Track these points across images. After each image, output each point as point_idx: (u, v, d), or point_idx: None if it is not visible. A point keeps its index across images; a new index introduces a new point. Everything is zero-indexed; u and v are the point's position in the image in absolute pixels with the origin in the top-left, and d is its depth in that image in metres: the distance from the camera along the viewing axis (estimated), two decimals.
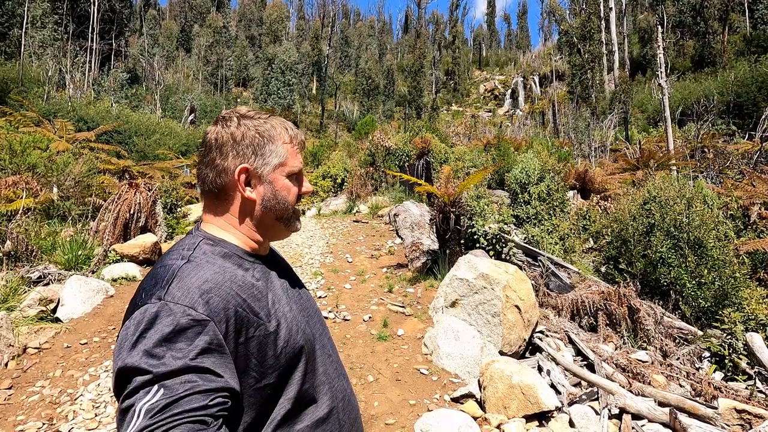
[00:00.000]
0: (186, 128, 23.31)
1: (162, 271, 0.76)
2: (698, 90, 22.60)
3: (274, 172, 0.86)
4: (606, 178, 11.46)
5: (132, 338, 0.66)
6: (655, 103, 25.38)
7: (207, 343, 0.67)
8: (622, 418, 3.05)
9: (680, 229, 5.85)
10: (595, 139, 20.95)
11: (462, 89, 42.00)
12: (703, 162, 16.17)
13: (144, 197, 5.93)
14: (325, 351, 0.93)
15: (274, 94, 32.10)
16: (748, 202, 8.63)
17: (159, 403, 0.60)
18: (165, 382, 0.61)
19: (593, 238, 8.24)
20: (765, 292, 5.22)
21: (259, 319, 0.77)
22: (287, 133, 0.89)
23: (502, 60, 45.10)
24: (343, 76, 43.56)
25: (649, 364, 4.09)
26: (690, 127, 21.09)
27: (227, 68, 38.31)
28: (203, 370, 0.65)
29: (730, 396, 3.33)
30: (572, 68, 29.48)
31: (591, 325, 4.97)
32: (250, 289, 0.79)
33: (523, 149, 14.76)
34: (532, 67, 40.55)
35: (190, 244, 0.83)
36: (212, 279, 0.75)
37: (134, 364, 0.63)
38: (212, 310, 0.70)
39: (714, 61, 25.65)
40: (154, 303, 0.69)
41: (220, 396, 0.64)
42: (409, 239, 6.35)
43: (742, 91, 20.48)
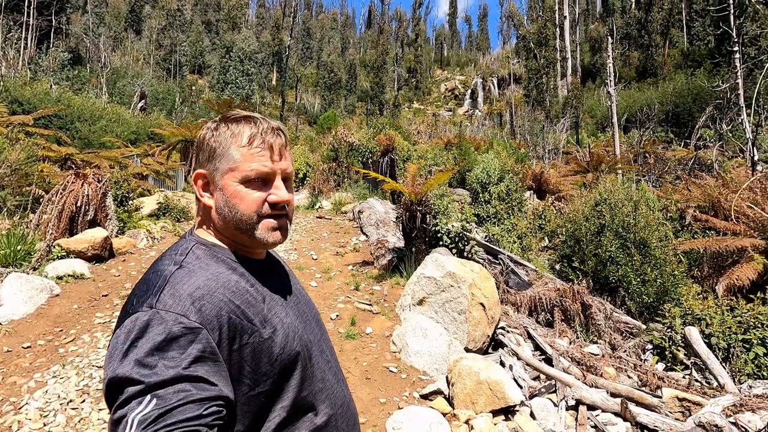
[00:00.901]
0: (136, 115, 22.01)
1: (154, 277, 0.75)
2: (641, 99, 24.18)
3: (223, 179, 0.81)
4: (560, 179, 12.03)
5: (123, 347, 0.64)
6: (603, 110, 26.88)
7: (200, 351, 0.65)
8: (579, 409, 3.24)
9: (627, 229, 6.25)
10: (549, 141, 21.93)
11: (424, 87, 42.50)
12: (645, 167, 17.38)
13: (93, 189, 5.55)
14: (324, 357, 0.91)
15: (232, 83, 30.97)
16: (685, 206, 9.37)
17: (152, 414, 0.58)
18: (158, 392, 0.60)
19: (548, 237, 8.64)
20: (700, 288, 5.69)
21: (253, 325, 0.75)
22: (247, 134, 0.81)
23: (463, 60, 46.07)
24: (305, 68, 42.77)
25: (600, 357, 4.36)
26: (634, 133, 22.57)
27: (181, 54, 36.49)
28: (196, 379, 0.63)
29: (672, 385, 3.62)
30: (529, 72, 30.61)
31: (547, 320, 5.22)
32: (244, 294, 0.77)
33: (483, 149, 15.19)
34: (492, 69, 41.73)
35: (183, 248, 0.82)
36: (205, 285, 0.73)
37: (125, 374, 0.61)
38: (205, 318, 0.69)
39: (656, 73, 27.53)
40: (146, 311, 0.68)
41: (214, 405, 0.63)
42: (375, 236, 6.37)
43: (679, 101, 22.13)
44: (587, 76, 32.85)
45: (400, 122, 19.69)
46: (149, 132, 19.11)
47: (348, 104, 36.99)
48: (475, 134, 25.99)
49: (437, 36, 52.17)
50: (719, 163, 15.31)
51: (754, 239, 6.62)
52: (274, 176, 0.82)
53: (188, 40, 38.52)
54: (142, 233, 6.12)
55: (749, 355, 4.31)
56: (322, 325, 0.99)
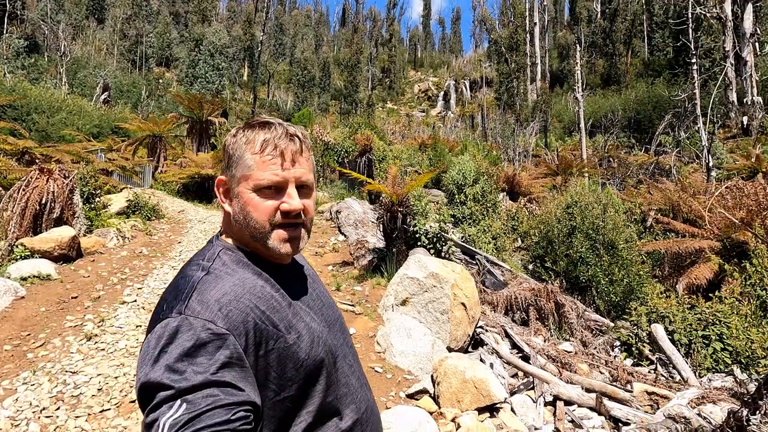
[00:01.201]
0: (98, 108, 21.05)
1: (182, 282, 0.77)
2: (606, 105, 25.21)
3: (239, 186, 0.81)
4: (531, 182, 12.39)
5: (154, 353, 0.66)
6: (570, 114, 27.86)
7: (227, 357, 0.67)
8: (556, 404, 3.37)
9: (597, 231, 6.52)
10: (520, 144, 22.51)
11: (397, 88, 42.70)
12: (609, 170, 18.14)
13: (59, 185, 5.28)
14: (347, 361, 0.92)
15: (201, 77, 30.09)
16: (647, 209, 9.86)
17: (182, 418, 0.60)
18: (187, 397, 0.62)
19: (521, 238, 8.90)
20: (663, 287, 6.01)
21: (278, 331, 0.76)
22: (260, 141, 0.80)
23: (436, 62, 46.59)
24: (277, 64, 42.09)
25: (573, 354, 4.53)
26: (599, 138, 23.51)
27: (148, 45, 35.12)
28: (224, 384, 0.65)
29: (641, 380, 3.82)
30: (500, 76, 31.31)
31: (523, 319, 5.38)
32: (270, 300, 0.78)
33: (457, 151, 15.43)
34: (464, 71, 42.41)
35: (210, 254, 0.83)
36: (231, 291, 0.74)
37: (157, 379, 0.63)
38: (232, 324, 0.70)
39: (619, 80, 28.77)
40: (175, 317, 0.69)
41: (242, 410, 0.64)
42: (354, 237, 6.37)
43: (641, 108, 23.22)
44: (555, 81, 33.93)
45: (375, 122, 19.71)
46: (113, 126, 18.33)
47: (321, 102, 36.69)
48: (448, 135, 26.34)
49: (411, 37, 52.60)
50: (677, 168, 16.16)
51: (711, 241, 7.05)
52: (287, 184, 0.81)
53: (155, 31, 37.12)
54: (112, 232, 5.88)
55: (708, 350, 4.59)
56: (346, 330, 0.99)
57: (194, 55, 31.38)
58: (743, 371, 4.15)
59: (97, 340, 3.43)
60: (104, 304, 4.09)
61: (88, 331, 3.51)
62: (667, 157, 17.32)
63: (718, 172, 13.05)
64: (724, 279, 6.13)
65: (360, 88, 37.08)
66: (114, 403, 2.75)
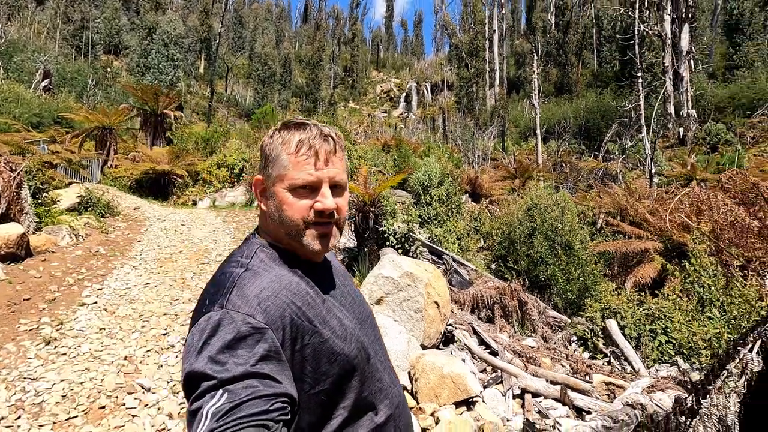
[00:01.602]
0: (38, 95, 19.50)
1: (223, 278, 0.80)
2: (559, 113, 26.51)
3: (275, 186, 0.84)
4: (492, 184, 12.83)
5: (198, 344, 0.70)
6: (526, 120, 29.05)
7: (266, 351, 0.70)
8: (524, 397, 3.55)
9: (555, 233, 6.89)
10: (479, 147, 23.21)
11: (360, 87, 42.67)
12: (562, 175, 19.12)
13: (5, 179, 4.89)
14: (379, 357, 0.94)
15: (154, 68, 28.61)
16: (598, 212, 10.50)
17: (224, 407, 0.63)
18: (229, 387, 0.65)
19: (484, 239, 9.22)
20: (614, 285, 6.44)
21: (313, 326, 0.79)
22: (295, 141, 0.83)
23: (399, 64, 47.03)
24: (236, 58, 40.79)
25: (536, 349, 4.78)
26: (552, 143, 24.71)
27: (95, 31, 32.93)
28: (263, 376, 0.67)
29: (599, 372, 4.10)
30: (460, 80, 32.08)
31: (488, 317, 5.60)
32: (305, 296, 0.81)
33: (420, 152, 15.69)
34: (425, 74, 43.10)
35: (248, 251, 0.86)
36: (269, 287, 0.77)
37: (201, 369, 0.67)
38: (270, 318, 0.73)
39: (571, 89, 30.33)
40: (217, 311, 0.73)
41: (279, 401, 0.67)
42: None
43: (590, 117, 24.61)
44: (512, 88, 35.24)
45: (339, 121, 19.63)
46: (56, 115, 17.05)
47: (282, 99, 35.99)
48: (410, 137, 26.69)
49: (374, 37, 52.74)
50: (622, 174, 17.29)
51: (655, 242, 7.63)
52: (321, 184, 0.83)
53: (103, 16, 34.88)
54: (64, 230, 5.51)
55: (655, 342, 4.98)
56: (376, 326, 1.01)
57: (146, 44, 29.79)
58: (685, 361, 4.55)
59: (57, 345, 3.23)
60: (61, 306, 3.85)
61: (46, 335, 3.30)
62: (613, 164, 18.50)
63: (659, 179, 14.12)
64: (666, 277, 6.65)
65: (322, 86, 36.72)
66: (81, 409, 2.62)
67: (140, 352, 3.29)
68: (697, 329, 4.46)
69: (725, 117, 20.61)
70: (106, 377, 2.92)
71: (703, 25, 26.54)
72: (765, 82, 20.31)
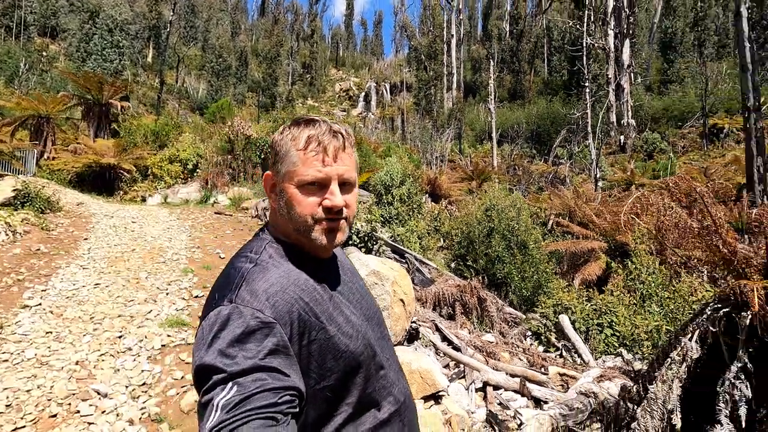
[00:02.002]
0: None
1: (233, 273, 0.81)
2: (512, 117, 27.60)
3: (284, 182, 0.85)
4: (450, 185, 13.15)
5: (208, 338, 0.71)
6: (481, 124, 29.98)
7: (275, 345, 0.71)
8: (486, 390, 3.70)
9: (512, 233, 7.19)
10: (437, 149, 23.70)
11: (318, 85, 42.17)
12: (515, 177, 19.94)
13: None
14: (385, 354, 0.94)
15: (96, 54, 26.72)
16: (549, 213, 11.06)
17: (233, 399, 0.64)
18: (238, 380, 0.66)
19: (443, 238, 9.45)
20: (565, 283, 6.83)
21: (320, 322, 0.80)
22: (305, 137, 0.83)
23: (358, 63, 46.95)
24: (188, 48, 39.00)
25: (495, 344, 4.98)
26: (505, 147, 25.69)
27: (28, 11, 30.28)
28: (272, 370, 0.69)
29: (553, 364, 4.34)
30: (419, 82, 32.59)
31: (449, 314, 5.76)
32: (312, 292, 0.82)
33: (380, 152, 15.79)
34: (385, 74, 43.36)
35: (258, 247, 0.87)
36: (278, 283, 0.79)
37: (211, 362, 0.68)
38: (278, 313, 0.75)
39: (523, 96, 31.67)
40: (227, 305, 0.74)
41: (287, 394, 0.68)
42: None
43: (541, 123, 25.82)
44: (469, 92, 36.25)
45: None
46: None
47: (237, 93, 34.84)
48: (370, 136, 26.75)
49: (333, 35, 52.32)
50: (570, 178, 18.30)
51: (600, 242, 8.15)
52: (329, 181, 0.83)
53: None
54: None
55: (602, 335, 5.34)
56: (383, 323, 1.02)
57: (88, 29, 27.79)
58: (629, 352, 4.92)
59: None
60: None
61: None
62: (562, 168, 19.55)
63: (603, 183, 15.10)
64: (610, 275, 7.14)
65: (280, 81, 35.95)
66: (30, 419, 2.43)
67: (93, 356, 3.10)
68: (639, 322, 4.84)
69: (660, 127, 22.36)
70: (56, 384, 2.73)
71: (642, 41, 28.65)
72: (693, 97, 22.22)
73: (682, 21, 26.15)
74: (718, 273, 2.60)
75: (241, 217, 7.92)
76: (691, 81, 24.04)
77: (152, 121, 15.43)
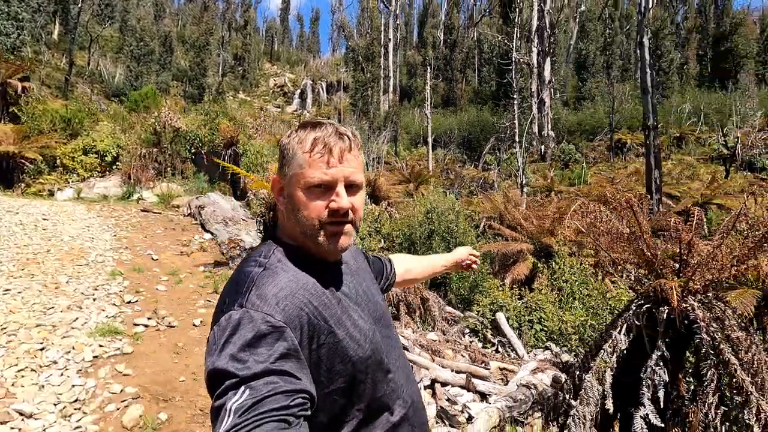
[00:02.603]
0: None
1: (242, 278, 0.82)
2: (445, 123, 28.72)
3: (291, 185, 0.85)
4: (389, 187, 13.37)
5: (220, 343, 0.71)
6: (416, 128, 30.82)
7: (286, 349, 0.72)
8: (434, 386, 3.85)
9: (451, 234, 7.51)
10: (374, 150, 23.93)
11: (251, 78, 40.50)
12: (448, 181, 20.79)
13: None
14: (393, 357, 0.95)
15: None
16: (482, 216, 11.69)
17: (246, 403, 0.65)
18: (250, 384, 0.67)
19: (384, 239, 9.58)
20: (499, 282, 7.28)
21: (329, 326, 0.80)
22: (311, 140, 0.83)
23: (293, 59, 45.84)
24: (103, 28, 35.40)
25: (439, 342, 5.18)
26: (439, 151, 26.68)
27: None
28: (283, 373, 0.69)
29: (494, 359, 4.62)
30: (356, 83, 32.66)
31: (394, 314, 5.88)
32: (321, 296, 0.83)
33: None
34: (321, 72, 42.80)
35: (266, 251, 0.87)
36: (287, 287, 0.79)
37: (223, 367, 0.68)
38: (288, 317, 0.75)
39: (456, 103, 33.09)
40: (237, 310, 0.74)
41: (299, 397, 0.69)
42: (225, 235, 5.96)
43: (471, 130, 27.18)
44: (404, 96, 37.07)
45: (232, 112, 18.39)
46: None
47: (161, 81, 32.33)
48: None
49: (268, 28, 50.48)
50: (498, 183, 19.49)
51: (527, 244, 8.79)
52: (336, 183, 0.83)
53: None
54: None
55: (532, 331, 5.77)
56: (391, 324, 1.02)
57: None
58: (557, 345, 5.39)
59: None
60: None
61: None
62: (491, 174, 20.76)
63: (528, 189, 16.29)
64: (537, 274, 7.73)
65: (209, 72, 34.00)
66: None
67: (10, 372, 2.73)
68: (567, 318, 5.31)
69: (575, 139, 24.61)
70: None
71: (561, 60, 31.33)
72: (602, 114, 24.75)
73: (594, 44, 29.02)
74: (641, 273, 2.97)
75: (172, 216, 7.40)
76: (601, 99, 26.76)
77: (62, 106, 13.82)
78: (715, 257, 2.49)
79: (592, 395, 2.80)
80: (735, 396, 2.43)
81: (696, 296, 2.68)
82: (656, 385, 2.64)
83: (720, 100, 23.63)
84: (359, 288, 0.96)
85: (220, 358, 0.69)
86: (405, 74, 39.89)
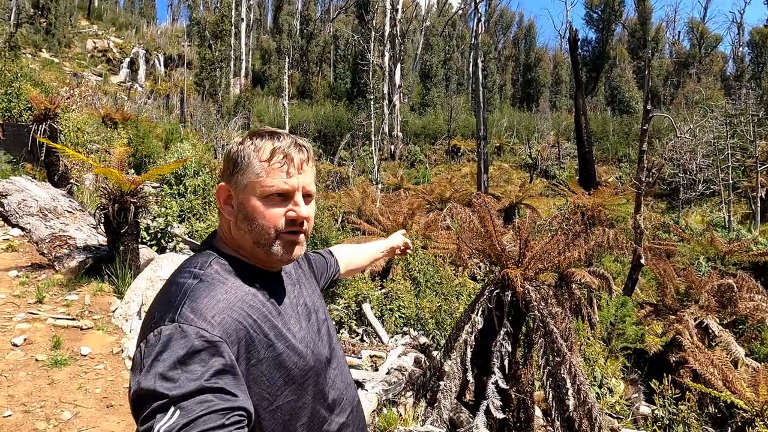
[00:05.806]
0: None
1: (174, 290, 0.77)
2: (301, 115, 28.41)
3: (245, 193, 0.82)
4: None
5: (146, 361, 0.66)
6: (270, 116, 29.67)
7: (222, 365, 0.68)
8: None
9: (317, 230, 7.58)
10: (224, 137, 22.20)
11: (60, 36, 32.87)
12: None
13: None
14: (333, 365, 0.95)
15: None
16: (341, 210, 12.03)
17: (177, 424, 0.60)
18: (181, 404, 0.62)
19: None
20: (360, 274, 7.66)
21: (269, 340, 0.78)
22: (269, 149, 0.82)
23: (121, 21, 38.79)
24: None
25: None
26: None
27: None
28: (218, 390, 0.65)
29: (365, 349, 4.90)
30: (202, 61, 29.67)
31: None
32: (261, 309, 0.80)
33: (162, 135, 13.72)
34: (158, 43, 37.32)
35: (202, 261, 0.83)
36: (224, 299, 0.75)
37: (150, 387, 0.64)
38: (225, 332, 0.71)
39: (312, 96, 32.98)
40: (168, 325, 0.69)
41: (235, 414, 0.65)
42: (44, 231, 4.85)
43: (327, 124, 27.51)
44: (257, 81, 35.24)
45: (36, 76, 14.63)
46: None
47: None
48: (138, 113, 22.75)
49: None
50: (352, 178, 20.26)
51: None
52: (294, 193, 0.83)
53: None
54: None
55: (393, 318, 6.28)
56: (332, 332, 1.01)
57: None
58: (414, 330, 5.99)
59: None
60: None
61: None
62: (347, 169, 21.44)
63: (381, 185, 17.38)
64: (392, 266, 8.40)
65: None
66: None
67: None
68: (424, 305, 5.94)
69: (419, 142, 27.15)
70: None
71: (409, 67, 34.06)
72: (442, 121, 27.89)
73: (436, 58, 32.38)
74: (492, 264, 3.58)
75: None
76: (441, 108, 30.08)
77: None
78: (546, 251, 3.18)
79: (456, 370, 3.26)
80: (555, 357, 3.15)
81: (531, 282, 3.36)
82: (503, 356, 3.23)
83: (527, 119, 29.09)
84: (299, 299, 0.94)
85: (146, 378, 0.64)
86: (258, 59, 37.92)
